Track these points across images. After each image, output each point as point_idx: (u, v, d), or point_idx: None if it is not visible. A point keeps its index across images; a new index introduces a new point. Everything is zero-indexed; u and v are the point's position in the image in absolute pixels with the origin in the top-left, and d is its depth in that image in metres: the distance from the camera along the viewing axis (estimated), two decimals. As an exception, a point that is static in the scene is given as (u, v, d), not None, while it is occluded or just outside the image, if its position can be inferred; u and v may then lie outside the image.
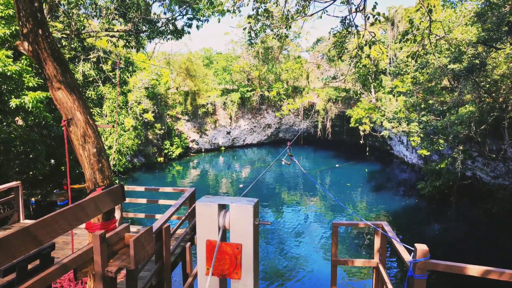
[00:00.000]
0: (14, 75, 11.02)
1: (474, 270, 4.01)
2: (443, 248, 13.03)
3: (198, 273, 2.07)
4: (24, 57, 12.30)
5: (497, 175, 16.51)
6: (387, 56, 27.50)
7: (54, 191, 17.56)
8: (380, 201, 18.82)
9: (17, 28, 11.89)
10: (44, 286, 3.09)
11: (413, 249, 4.33)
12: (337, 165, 27.16)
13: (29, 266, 3.13)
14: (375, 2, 6.21)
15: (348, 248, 13.12)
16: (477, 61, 14.60)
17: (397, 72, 25.56)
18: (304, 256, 12.41)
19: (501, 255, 12.60)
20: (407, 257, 4.53)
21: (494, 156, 15.45)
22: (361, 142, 28.58)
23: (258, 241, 2.05)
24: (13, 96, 11.25)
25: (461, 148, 16.79)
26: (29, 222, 7.27)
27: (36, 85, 12.21)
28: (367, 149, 29.46)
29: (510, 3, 12.86)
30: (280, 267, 11.70)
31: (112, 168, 4.84)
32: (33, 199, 16.59)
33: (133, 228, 7.36)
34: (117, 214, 6.84)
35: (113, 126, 6.20)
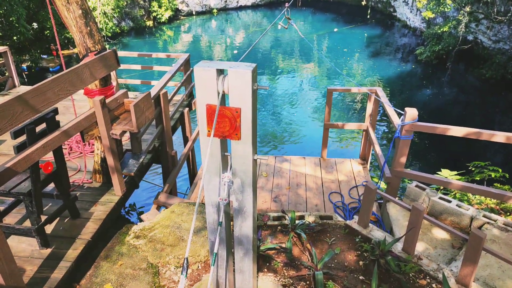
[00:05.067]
0: None
1: (455, 131, 4.29)
2: (432, 113, 13.59)
3: (200, 135, 2.19)
4: None
5: (499, 38, 16.06)
6: None
7: (41, 56, 17.05)
8: (376, 67, 18.71)
9: None
10: (55, 146, 3.31)
11: (403, 112, 4.53)
12: (335, 29, 25.97)
13: (37, 130, 3.28)
14: None
15: (341, 113, 13.64)
16: None
17: None
18: (298, 120, 12.99)
19: (486, 118, 13.29)
20: (397, 120, 4.77)
21: (501, 18, 14.73)
22: (363, 3, 26.64)
23: (256, 105, 2.11)
24: None
25: (467, 9, 15.85)
26: (27, 88, 7.29)
27: None
28: (369, 11, 27.70)
29: None
30: (275, 130, 12.36)
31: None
32: (24, 65, 16.25)
33: (131, 94, 7.45)
34: (113, 81, 6.82)
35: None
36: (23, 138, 3.16)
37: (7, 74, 7.83)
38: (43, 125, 3.33)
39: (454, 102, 14.90)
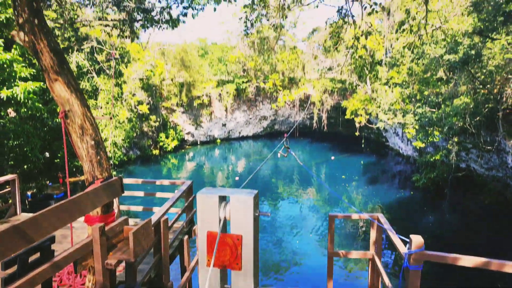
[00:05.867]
0: (5, 65, 10.84)
1: (466, 260, 4.08)
2: (437, 239, 13.20)
3: (199, 264, 2.09)
4: (15, 46, 12.11)
5: (491, 166, 16.66)
6: (383, 46, 27.44)
7: (48, 183, 17.48)
8: (375, 193, 18.96)
9: (7, 16, 11.69)
10: (44, 279, 3.11)
11: (408, 240, 4.39)
12: (332, 158, 27.26)
13: (30, 259, 3.14)
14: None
15: (344, 240, 13.24)
16: (472, 52, 14.61)
17: (393, 63, 25.55)
18: (301, 248, 12.52)
19: (491, 246, 12.81)
20: (403, 249, 4.59)
21: (488, 148, 15.57)
22: (357, 134, 28.67)
23: (258, 232, 2.07)
24: (4, 87, 11.08)
25: (455, 140, 16.90)
26: (27, 215, 7.26)
27: (28, 76, 12.05)
28: (363, 141, 29.58)
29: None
30: (277, 259, 11.80)
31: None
32: (29, 192, 16.52)
33: (131, 221, 7.37)
34: (115, 208, 6.84)
35: (111, 118, 6.11)
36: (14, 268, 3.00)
37: (10, 201, 7.90)
38: (37, 254, 3.21)
39: (458, 229, 14.59)
